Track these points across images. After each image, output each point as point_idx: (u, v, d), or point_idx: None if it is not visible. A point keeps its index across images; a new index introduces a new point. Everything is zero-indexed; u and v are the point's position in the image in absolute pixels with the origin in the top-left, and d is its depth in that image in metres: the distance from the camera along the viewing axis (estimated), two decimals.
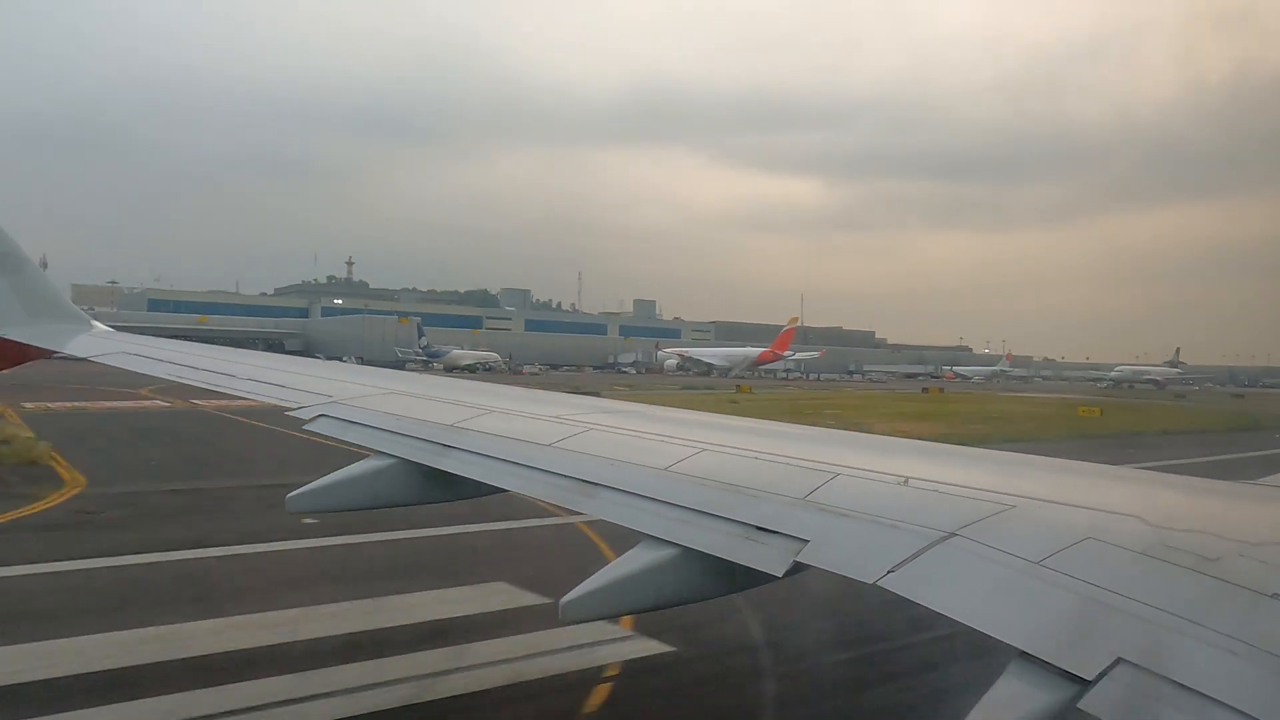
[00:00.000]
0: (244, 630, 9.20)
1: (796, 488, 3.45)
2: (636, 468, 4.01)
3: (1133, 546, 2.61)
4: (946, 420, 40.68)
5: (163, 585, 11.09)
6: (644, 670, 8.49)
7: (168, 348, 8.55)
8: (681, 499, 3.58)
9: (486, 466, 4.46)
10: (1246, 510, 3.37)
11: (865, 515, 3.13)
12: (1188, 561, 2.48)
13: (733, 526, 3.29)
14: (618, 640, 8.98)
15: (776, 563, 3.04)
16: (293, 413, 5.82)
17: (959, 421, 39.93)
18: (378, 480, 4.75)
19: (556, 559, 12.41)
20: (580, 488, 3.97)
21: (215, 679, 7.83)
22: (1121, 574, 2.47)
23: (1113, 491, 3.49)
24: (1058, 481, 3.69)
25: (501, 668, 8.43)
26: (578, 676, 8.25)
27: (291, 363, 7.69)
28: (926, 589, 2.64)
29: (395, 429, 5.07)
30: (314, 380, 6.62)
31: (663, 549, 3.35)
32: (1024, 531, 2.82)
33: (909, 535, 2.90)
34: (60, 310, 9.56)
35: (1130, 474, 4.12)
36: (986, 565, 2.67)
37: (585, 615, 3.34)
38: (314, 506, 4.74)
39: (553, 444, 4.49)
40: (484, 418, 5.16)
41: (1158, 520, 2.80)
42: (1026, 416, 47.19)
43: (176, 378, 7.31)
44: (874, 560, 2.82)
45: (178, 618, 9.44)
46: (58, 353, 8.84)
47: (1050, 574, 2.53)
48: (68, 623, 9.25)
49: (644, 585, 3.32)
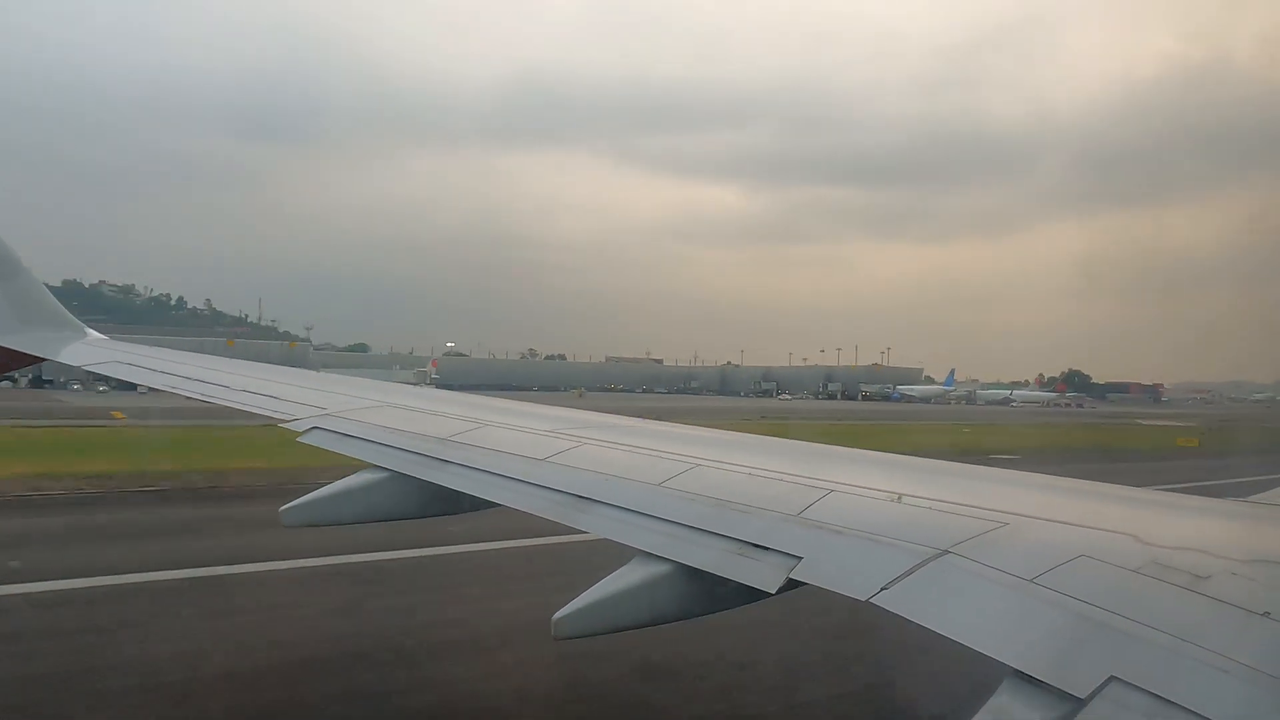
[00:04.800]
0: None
1: (790, 504, 3.46)
2: (630, 483, 4.01)
3: (1126, 564, 2.62)
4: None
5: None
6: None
7: (163, 357, 8.52)
8: (675, 515, 3.58)
9: (480, 481, 4.45)
10: (1238, 528, 3.39)
11: (858, 532, 3.14)
12: (1180, 580, 2.48)
13: (726, 543, 3.29)
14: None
15: (770, 579, 3.04)
16: (286, 424, 5.81)
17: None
18: (371, 494, 4.74)
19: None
20: (574, 503, 3.97)
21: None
22: (1114, 592, 2.48)
23: (1106, 509, 3.50)
24: (1051, 499, 3.70)
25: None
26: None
27: (288, 374, 7.66)
28: (919, 606, 2.65)
29: (389, 442, 5.06)
30: (310, 392, 6.61)
31: (656, 565, 3.35)
32: (1017, 549, 2.83)
33: (902, 552, 2.90)
34: (54, 318, 9.52)
35: (1123, 492, 4.14)
36: (979, 582, 2.68)
37: (578, 631, 3.33)
38: (308, 520, 4.72)
39: (547, 458, 4.49)
40: (479, 431, 5.16)
41: (1150, 538, 2.81)
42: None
43: (171, 388, 7.28)
44: (867, 577, 2.82)
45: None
46: (50, 360, 8.82)
47: (1043, 591, 2.54)
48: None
49: (637, 601, 3.32)
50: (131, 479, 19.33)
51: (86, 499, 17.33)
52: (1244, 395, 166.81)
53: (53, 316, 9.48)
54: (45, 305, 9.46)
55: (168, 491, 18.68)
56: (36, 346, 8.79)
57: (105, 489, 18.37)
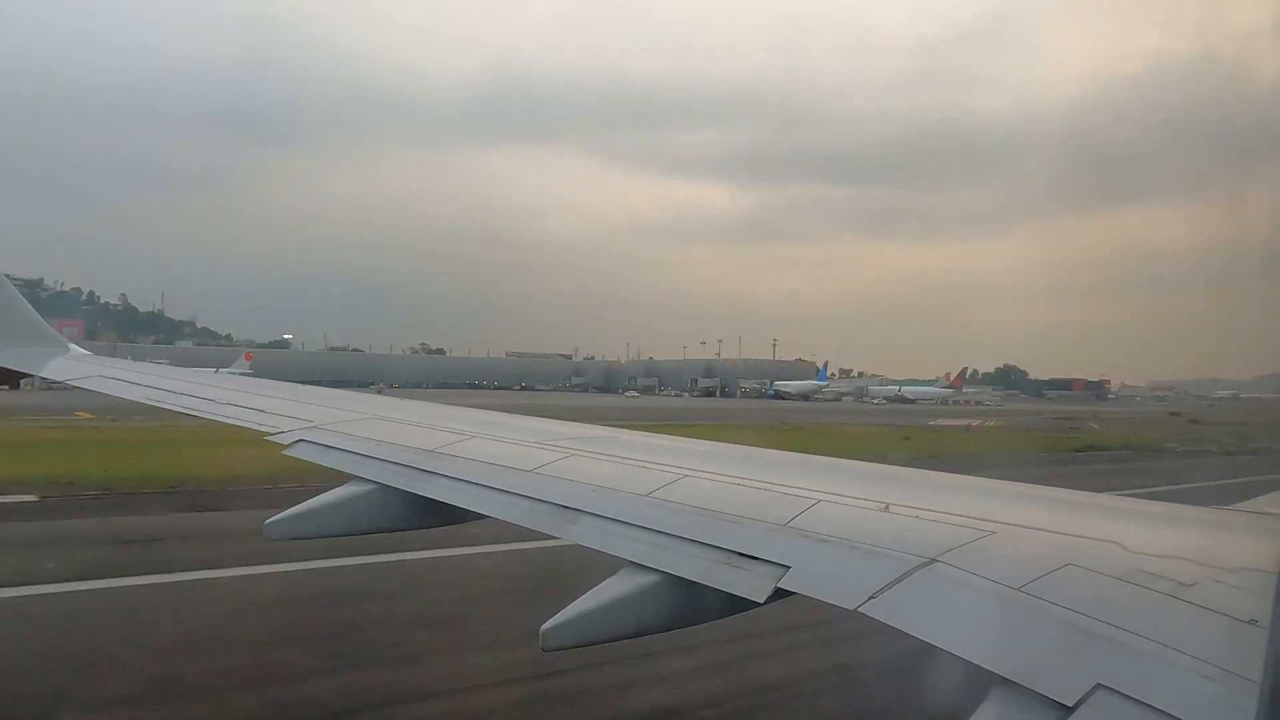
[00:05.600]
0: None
1: (777, 514, 3.46)
2: (618, 493, 4.00)
3: (1112, 573, 2.63)
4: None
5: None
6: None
7: (146, 371, 8.48)
8: (663, 525, 3.57)
9: (466, 492, 4.44)
10: (1223, 537, 3.41)
11: (846, 541, 3.14)
12: (1166, 588, 2.50)
13: (714, 553, 3.29)
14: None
15: (758, 589, 3.04)
16: (272, 438, 5.78)
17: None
18: (356, 506, 4.71)
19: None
20: (561, 513, 3.96)
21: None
22: (1101, 600, 2.49)
23: (1092, 518, 3.52)
24: (1038, 508, 3.71)
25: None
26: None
27: (274, 387, 7.62)
28: (907, 615, 2.65)
29: (375, 454, 5.04)
30: (295, 405, 6.58)
31: (644, 575, 3.34)
32: (1004, 557, 2.84)
33: (890, 561, 2.91)
34: (36, 332, 9.46)
35: (1109, 501, 4.16)
36: (967, 591, 2.68)
37: (567, 642, 3.31)
38: (291, 533, 4.68)
39: (534, 469, 4.48)
40: (466, 442, 5.14)
41: (1137, 546, 2.83)
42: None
43: (154, 402, 7.23)
44: (855, 586, 2.82)
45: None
46: (32, 376, 8.74)
47: (1031, 600, 2.55)
48: None
49: (625, 612, 3.30)
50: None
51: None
52: (1207, 392, 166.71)
53: (33, 331, 9.41)
54: (26, 319, 9.39)
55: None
56: (17, 361, 8.72)
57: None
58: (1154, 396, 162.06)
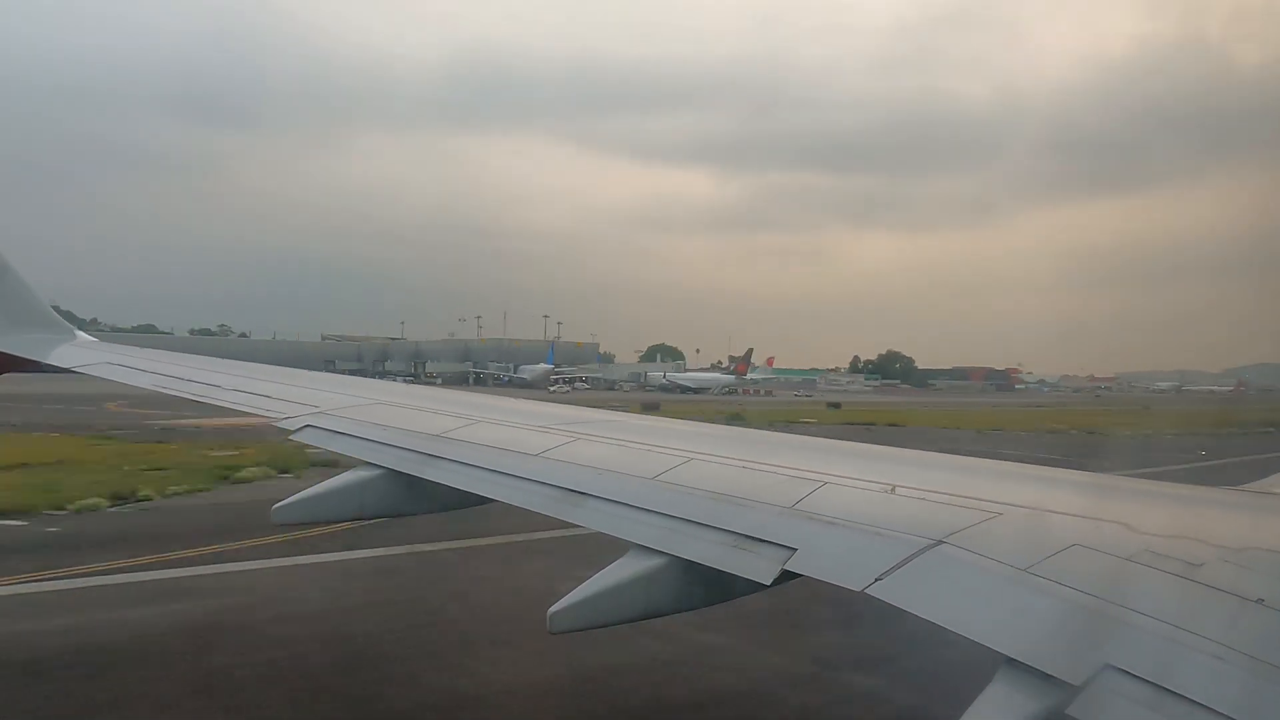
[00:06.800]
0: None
1: (784, 496, 3.46)
2: (625, 477, 4.01)
3: (1119, 553, 2.63)
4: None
5: None
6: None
7: (152, 358, 8.47)
8: (670, 508, 3.58)
9: (473, 476, 4.44)
10: (1229, 517, 3.40)
11: (852, 523, 3.14)
12: (1173, 568, 2.50)
13: (721, 535, 3.29)
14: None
15: (765, 571, 3.05)
16: (279, 423, 5.78)
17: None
18: (364, 491, 4.72)
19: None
20: (568, 497, 3.96)
21: None
22: (1108, 580, 2.49)
23: (1098, 499, 3.52)
24: (1043, 489, 3.71)
25: None
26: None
27: (279, 373, 7.61)
28: (914, 596, 2.65)
29: (381, 439, 5.04)
30: (301, 391, 6.58)
31: (651, 558, 3.35)
32: (1011, 539, 2.84)
33: (896, 543, 2.91)
34: (43, 319, 9.45)
35: (1114, 482, 4.16)
36: (974, 572, 2.68)
37: (574, 625, 3.32)
38: (299, 518, 4.70)
39: (540, 454, 4.48)
40: (471, 428, 5.14)
41: (1143, 527, 2.82)
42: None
43: (161, 388, 7.23)
44: (862, 568, 2.83)
45: None
46: (40, 363, 8.74)
47: (1038, 580, 2.55)
48: None
49: (633, 595, 3.31)
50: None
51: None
52: (1146, 383, 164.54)
53: (41, 318, 9.41)
54: (33, 307, 9.39)
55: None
56: (25, 349, 8.72)
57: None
58: (1094, 389, 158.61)
